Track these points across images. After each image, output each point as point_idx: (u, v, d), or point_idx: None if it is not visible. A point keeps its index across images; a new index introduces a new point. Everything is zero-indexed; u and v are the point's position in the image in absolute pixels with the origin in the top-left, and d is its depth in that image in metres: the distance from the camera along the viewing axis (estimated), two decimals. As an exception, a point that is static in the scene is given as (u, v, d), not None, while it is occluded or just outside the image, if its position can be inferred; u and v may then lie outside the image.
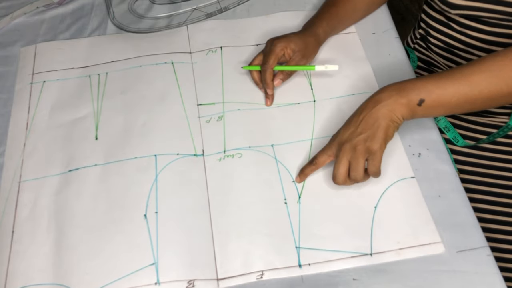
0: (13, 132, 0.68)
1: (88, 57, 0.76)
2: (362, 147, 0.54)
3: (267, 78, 0.67)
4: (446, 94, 0.53)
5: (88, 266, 0.56)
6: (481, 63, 0.53)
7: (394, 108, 0.53)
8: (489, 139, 0.74)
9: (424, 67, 0.84)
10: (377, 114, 0.54)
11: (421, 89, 0.53)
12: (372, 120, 0.54)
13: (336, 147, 0.57)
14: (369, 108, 0.55)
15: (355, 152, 0.55)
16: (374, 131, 0.54)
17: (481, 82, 0.53)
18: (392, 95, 0.54)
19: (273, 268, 0.55)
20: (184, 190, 0.61)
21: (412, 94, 0.53)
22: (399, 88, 0.54)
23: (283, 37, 0.69)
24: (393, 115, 0.54)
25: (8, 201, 0.61)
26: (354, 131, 0.55)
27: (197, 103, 0.70)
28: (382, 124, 0.53)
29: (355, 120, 0.56)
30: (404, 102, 0.53)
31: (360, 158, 0.55)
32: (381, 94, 0.55)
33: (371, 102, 0.55)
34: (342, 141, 0.56)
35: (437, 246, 0.56)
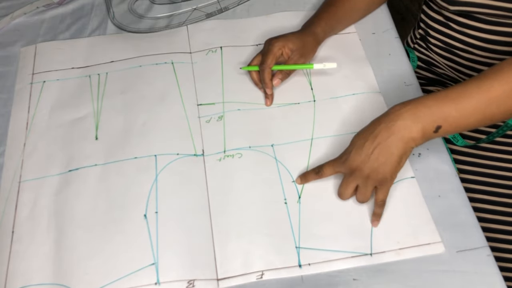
0: (13, 132, 0.68)
1: (88, 57, 0.76)
2: (374, 177, 0.53)
3: (265, 78, 0.67)
4: (464, 116, 0.50)
5: (88, 266, 0.56)
6: (499, 74, 0.50)
7: (409, 139, 0.51)
8: (488, 139, 0.74)
9: (424, 67, 0.84)
10: (392, 145, 0.51)
11: (438, 115, 0.50)
12: (386, 151, 0.52)
13: (345, 168, 0.56)
14: (383, 136, 0.52)
15: (366, 181, 0.54)
16: (387, 163, 0.52)
17: (500, 96, 0.50)
18: (407, 125, 0.51)
19: (273, 268, 0.55)
20: (184, 190, 0.61)
21: (428, 122, 0.51)
22: (413, 114, 0.51)
23: (281, 37, 0.69)
24: (407, 146, 0.52)
25: (8, 201, 0.61)
26: (367, 159, 0.53)
27: (197, 103, 0.70)
28: (396, 156, 0.52)
29: (368, 146, 0.53)
30: (420, 131, 0.51)
31: (369, 186, 0.55)
32: (396, 121, 0.51)
33: (385, 128, 0.52)
34: (353, 167, 0.54)
35: (437, 246, 0.56)
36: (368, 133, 0.53)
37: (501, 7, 0.64)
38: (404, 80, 0.71)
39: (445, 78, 0.83)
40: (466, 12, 0.69)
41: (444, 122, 0.51)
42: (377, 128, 0.53)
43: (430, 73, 0.84)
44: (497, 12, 0.66)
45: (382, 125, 0.52)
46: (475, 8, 0.67)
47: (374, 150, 0.52)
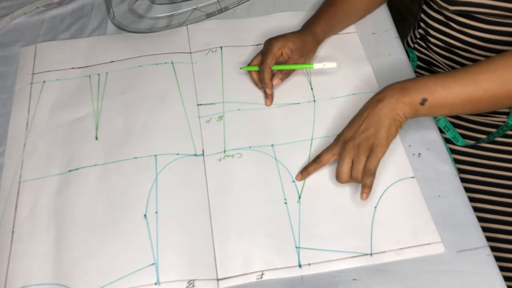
0: (13, 132, 0.68)
1: (88, 57, 0.76)
2: (365, 145, 0.54)
3: (265, 78, 0.67)
4: (450, 94, 0.53)
5: (88, 266, 0.56)
6: (487, 63, 0.53)
7: (396, 107, 0.54)
8: (488, 139, 0.74)
9: (424, 67, 0.84)
10: (380, 113, 0.54)
11: (424, 88, 0.53)
12: (375, 119, 0.54)
13: (339, 146, 0.57)
14: (372, 107, 0.55)
15: (358, 150, 0.55)
16: (376, 130, 0.54)
17: (486, 81, 0.52)
18: (395, 94, 0.54)
19: (273, 268, 0.55)
20: (184, 190, 0.61)
21: (414, 93, 0.53)
22: (401, 87, 0.54)
23: (281, 37, 0.69)
24: (395, 114, 0.54)
25: (8, 201, 0.61)
26: (357, 129, 0.55)
27: (197, 103, 0.70)
28: (385, 122, 0.54)
29: (358, 119, 0.56)
30: (407, 101, 0.53)
31: (361, 156, 0.55)
32: (384, 93, 0.55)
33: (373, 101, 0.56)
34: (346, 140, 0.56)
35: (437, 246, 0.56)
36: (360, 110, 0.57)
37: (501, 7, 0.65)
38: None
39: (445, 78, 0.83)
40: (466, 12, 0.69)
41: (430, 96, 0.53)
42: (366, 104, 0.56)
43: (430, 73, 0.84)
44: (497, 12, 0.66)
45: (371, 100, 0.56)
46: (475, 8, 0.67)
47: (363, 122, 0.55)
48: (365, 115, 0.55)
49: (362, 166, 0.55)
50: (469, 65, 0.54)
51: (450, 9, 0.70)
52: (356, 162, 0.55)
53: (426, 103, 0.53)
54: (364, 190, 0.55)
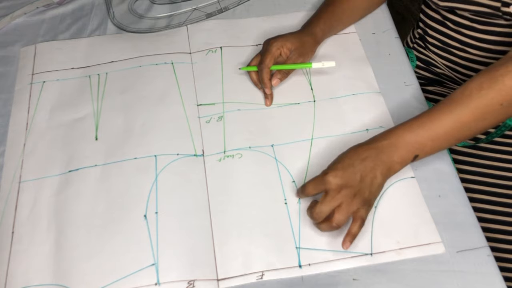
0: (13, 132, 0.68)
1: (88, 57, 0.76)
2: (361, 197, 0.53)
3: (264, 78, 0.67)
4: (438, 143, 0.55)
5: (88, 266, 0.56)
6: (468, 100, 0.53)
7: (390, 167, 0.55)
8: (487, 139, 0.74)
9: (423, 67, 0.85)
10: (377, 170, 0.54)
11: (415, 146, 0.55)
12: (372, 175, 0.54)
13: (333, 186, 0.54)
14: (370, 161, 0.54)
15: (352, 199, 0.53)
16: (373, 185, 0.54)
17: (471, 122, 0.54)
18: (390, 155, 0.55)
19: (273, 268, 0.55)
20: (184, 190, 0.61)
21: (406, 154, 0.55)
22: (394, 146, 0.55)
23: (279, 37, 0.69)
24: (388, 173, 0.55)
25: (8, 202, 0.61)
26: (355, 179, 0.54)
27: (197, 103, 0.70)
28: (380, 181, 0.55)
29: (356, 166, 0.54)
30: (399, 161, 0.55)
31: (353, 206, 0.53)
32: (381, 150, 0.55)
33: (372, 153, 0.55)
34: (341, 184, 0.53)
35: (437, 246, 0.56)
36: (355, 156, 0.55)
37: (488, 5, 0.65)
38: (404, 80, 0.71)
39: (443, 77, 0.83)
40: (455, 8, 0.69)
41: (421, 152, 0.55)
42: (364, 153, 0.55)
43: (429, 73, 0.84)
44: (485, 10, 0.66)
45: (369, 152, 0.55)
46: (462, 4, 0.67)
47: (362, 173, 0.54)
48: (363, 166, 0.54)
49: (350, 214, 0.54)
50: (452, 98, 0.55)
51: (440, 5, 0.70)
52: (346, 208, 0.53)
53: (416, 158, 0.56)
54: (349, 239, 0.54)
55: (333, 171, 0.54)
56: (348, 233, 0.54)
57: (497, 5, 0.64)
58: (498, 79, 0.52)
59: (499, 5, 0.64)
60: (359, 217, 0.54)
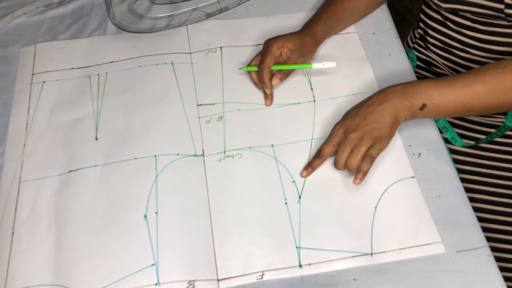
0: (13, 132, 0.68)
1: (88, 57, 0.76)
2: (368, 136, 0.57)
3: (264, 78, 0.67)
4: (447, 101, 0.57)
5: (88, 267, 0.56)
6: (482, 74, 0.57)
7: (398, 109, 0.57)
8: (487, 139, 0.74)
9: (423, 67, 0.85)
10: (384, 110, 0.57)
11: (424, 94, 0.57)
12: (379, 115, 0.57)
13: (341, 136, 0.59)
14: (376, 103, 0.58)
15: (360, 140, 0.57)
16: (381, 124, 0.57)
17: (481, 93, 0.56)
18: (397, 96, 0.57)
19: (273, 268, 0.55)
20: (184, 190, 0.61)
21: (415, 99, 0.57)
22: (403, 90, 0.58)
23: (280, 37, 0.69)
24: (398, 115, 0.58)
25: (8, 202, 0.61)
26: (361, 122, 0.58)
27: (197, 103, 0.70)
28: (388, 120, 0.57)
29: (361, 112, 0.58)
30: (408, 105, 0.57)
31: (363, 146, 0.57)
32: (387, 94, 0.58)
33: (377, 98, 0.58)
34: (349, 130, 0.58)
35: (438, 246, 0.56)
36: (361, 104, 0.60)
37: (490, 6, 0.65)
38: (404, 80, 0.71)
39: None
40: (457, 10, 0.69)
41: (429, 102, 0.57)
42: (370, 99, 0.59)
43: (429, 73, 0.84)
44: (487, 12, 0.66)
45: (375, 97, 0.59)
46: (465, 6, 0.68)
47: (367, 115, 0.57)
48: (370, 110, 0.58)
49: (360, 156, 0.57)
50: (466, 73, 0.58)
51: (442, 6, 0.70)
52: (355, 151, 0.57)
53: (424, 108, 0.57)
54: (358, 175, 0.57)
55: (339, 123, 0.60)
56: (359, 170, 0.57)
57: (500, 7, 0.64)
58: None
59: (503, 7, 0.64)
60: (368, 155, 0.56)
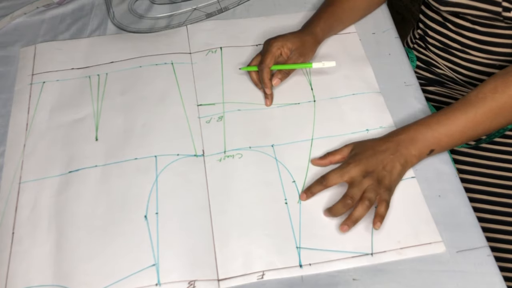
0: (13, 133, 0.68)
1: (88, 57, 0.76)
2: (384, 182, 0.57)
3: (264, 78, 0.67)
4: (453, 140, 0.59)
5: (88, 267, 0.56)
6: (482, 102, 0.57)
7: (408, 160, 0.59)
8: (487, 140, 0.74)
9: (423, 67, 0.85)
10: (396, 160, 0.59)
11: (431, 140, 0.59)
12: (393, 164, 0.58)
13: (357, 173, 0.58)
14: (391, 151, 0.59)
15: (378, 183, 0.57)
16: (393, 173, 0.58)
17: (484, 122, 0.58)
18: (408, 147, 0.59)
19: (274, 268, 0.55)
20: (185, 190, 0.61)
21: (423, 147, 0.59)
22: (412, 139, 0.59)
23: (280, 37, 0.69)
24: (406, 165, 0.59)
25: (8, 202, 0.61)
26: (380, 165, 0.58)
27: (197, 103, 0.70)
28: (399, 171, 0.59)
29: (379, 156, 0.59)
30: (416, 154, 0.59)
31: (378, 189, 0.57)
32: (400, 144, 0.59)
33: (392, 145, 0.59)
34: (368, 170, 0.58)
35: (438, 246, 0.56)
36: (377, 147, 0.60)
37: (489, 9, 0.65)
38: (404, 80, 0.71)
39: (444, 78, 0.83)
40: (457, 12, 0.69)
41: (437, 146, 0.59)
42: (384, 145, 0.60)
43: (429, 73, 0.84)
44: (487, 15, 0.66)
45: (388, 144, 0.60)
46: (465, 9, 0.68)
47: (383, 161, 0.58)
48: (386, 155, 0.59)
49: (377, 194, 0.57)
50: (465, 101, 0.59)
51: (442, 9, 0.70)
52: (372, 189, 0.57)
53: (432, 153, 0.60)
54: (378, 219, 0.56)
55: (356, 161, 0.59)
56: (377, 214, 0.56)
57: (498, 10, 0.64)
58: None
59: (500, 10, 0.64)
60: (383, 200, 0.57)
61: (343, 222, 0.56)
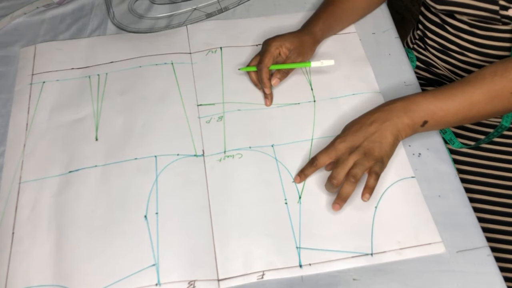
0: (13, 133, 0.68)
1: (88, 57, 0.76)
2: (371, 154, 0.57)
3: (263, 78, 0.67)
4: (447, 115, 0.58)
5: (88, 267, 0.56)
6: (480, 82, 0.57)
7: (400, 128, 0.58)
8: (485, 140, 0.74)
9: (423, 67, 0.85)
10: (386, 130, 0.57)
11: (426, 111, 0.57)
12: (381, 134, 0.57)
13: (342, 150, 0.58)
14: (379, 121, 0.58)
15: (363, 157, 0.57)
16: (382, 143, 0.57)
17: (480, 102, 0.57)
18: (400, 115, 0.58)
19: (274, 268, 0.55)
20: (185, 190, 0.61)
21: (416, 116, 0.58)
22: (405, 108, 0.58)
23: (278, 37, 0.69)
24: (399, 134, 0.58)
25: (8, 202, 0.61)
26: (364, 139, 0.57)
27: (197, 103, 0.70)
28: (390, 140, 0.57)
29: (364, 129, 0.58)
30: (409, 123, 0.58)
31: (366, 163, 0.56)
32: (390, 112, 0.58)
33: (380, 115, 0.58)
34: (354, 145, 0.58)
35: (438, 246, 0.56)
36: (363, 120, 0.59)
37: (484, 8, 0.65)
38: (404, 80, 0.71)
39: (443, 78, 0.83)
40: (453, 12, 0.69)
41: (431, 118, 0.58)
42: (372, 116, 0.59)
43: (429, 73, 0.84)
44: (482, 13, 0.66)
45: (377, 114, 0.58)
46: (460, 8, 0.68)
47: (369, 133, 0.57)
48: (372, 127, 0.58)
49: (363, 171, 0.56)
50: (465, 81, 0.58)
51: (438, 8, 0.70)
52: (359, 164, 0.56)
53: (426, 125, 0.58)
54: (367, 191, 0.56)
55: (341, 137, 0.59)
56: (366, 186, 0.56)
57: (495, 8, 0.64)
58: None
59: (497, 8, 0.64)
60: (373, 172, 0.56)
61: (334, 201, 0.57)
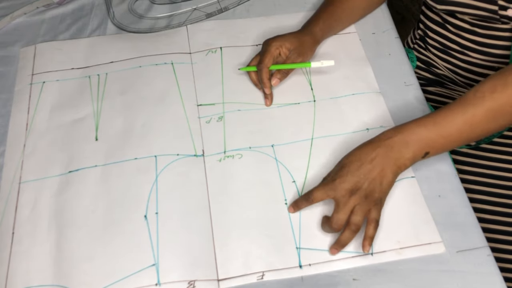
0: (13, 133, 0.68)
1: (88, 57, 0.76)
2: (372, 197, 0.54)
3: (263, 78, 0.67)
4: (449, 141, 0.55)
5: (88, 267, 0.56)
6: (481, 101, 0.53)
7: (401, 164, 0.55)
8: (486, 140, 0.74)
9: (423, 67, 0.85)
10: (387, 168, 0.54)
11: (426, 141, 0.54)
12: (382, 173, 0.54)
13: (342, 192, 0.54)
14: (380, 158, 0.54)
15: (364, 201, 0.54)
16: (383, 184, 0.54)
17: (482, 122, 0.54)
18: (401, 150, 0.54)
19: (273, 268, 0.55)
20: (184, 190, 0.61)
21: (417, 149, 0.54)
22: (405, 142, 0.54)
23: (278, 37, 0.69)
24: (399, 170, 0.55)
25: (8, 202, 0.61)
26: (365, 180, 0.54)
27: (197, 103, 0.70)
28: (390, 180, 0.55)
29: (364, 168, 0.54)
30: (410, 157, 0.55)
31: (366, 207, 0.54)
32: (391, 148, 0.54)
33: (381, 151, 0.54)
34: (355, 188, 0.54)
35: (438, 246, 0.56)
36: (364, 157, 0.55)
37: (484, 8, 0.65)
38: (404, 80, 0.71)
39: (443, 78, 0.83)
40: (453, 11, 0.69)
41: (432, 149, 0.55)
42: (373, 152, 0.55)
43: (429, 73, 0.84)
44: (482, 13, 0.66)
45: (378, 150, 0.54)
46: (460, 8, 0.68)
47: (371, 174, 0.54)
48: (372, 166, 0.54)
49: (364, 216, 0.54)
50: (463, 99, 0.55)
51: (438, 7, 0.70)
52: (359, 211, 0.54)
53: (427, 156, 0.55)
54: (367, 242, 0.54)
55: (341, 177, 0.54)
56: (366, 236, 0.54)
57: (494, 8, 0.64)
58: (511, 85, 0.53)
59: (496, 8, 0.64)
60: (372, 219, 0.54)
61: (332, 246, 0.55)
